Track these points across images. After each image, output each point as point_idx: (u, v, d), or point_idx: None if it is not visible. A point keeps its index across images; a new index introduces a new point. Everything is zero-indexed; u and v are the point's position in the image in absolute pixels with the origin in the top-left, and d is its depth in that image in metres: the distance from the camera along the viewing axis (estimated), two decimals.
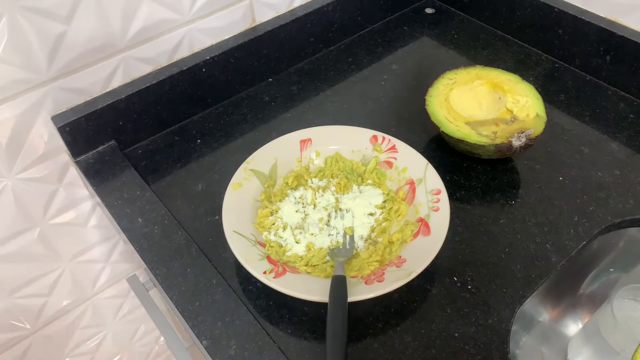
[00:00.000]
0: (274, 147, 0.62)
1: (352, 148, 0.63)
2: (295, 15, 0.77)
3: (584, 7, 0.76)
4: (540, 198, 0.62)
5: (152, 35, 0.66)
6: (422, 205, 0.57)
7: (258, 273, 0.50)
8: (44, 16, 0.56)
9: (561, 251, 0.57)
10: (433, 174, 0.59)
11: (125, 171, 0.65)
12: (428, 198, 0.58)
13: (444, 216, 0.55)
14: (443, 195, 0.57)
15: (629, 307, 0.62)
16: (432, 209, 0.56)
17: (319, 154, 0.63)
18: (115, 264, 0.84)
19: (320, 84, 0.79)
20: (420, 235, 0.54)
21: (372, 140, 0.63)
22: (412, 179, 0.60)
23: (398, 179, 0.61)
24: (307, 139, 0.62)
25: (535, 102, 0.64)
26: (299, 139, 0.62)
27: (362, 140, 0.63)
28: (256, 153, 0.60)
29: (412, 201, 0.59)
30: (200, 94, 0.74)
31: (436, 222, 0.55)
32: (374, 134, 0.63)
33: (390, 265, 0.52)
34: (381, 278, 0.50)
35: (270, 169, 0.60)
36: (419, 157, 0.61)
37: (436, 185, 0.58)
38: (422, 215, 0.56)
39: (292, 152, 0.62)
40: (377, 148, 0.63)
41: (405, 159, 0.61)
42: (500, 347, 0.50)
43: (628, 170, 0.65)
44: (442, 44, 0.86)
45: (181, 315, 0.52)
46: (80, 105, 0.65)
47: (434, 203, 0.57)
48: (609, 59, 0.74)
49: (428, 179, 0.59)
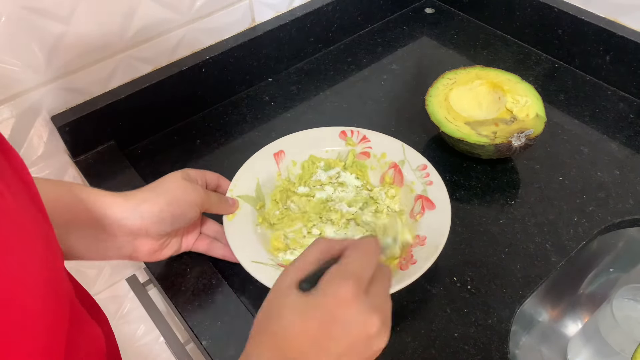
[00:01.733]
0: (251, 167, 0.59)
1: (325, 148, 0.63)
2: (295, 15, 0.77)
3: (583, 7, 0.76)
4: (540, 198, 0.62)
5: (151, 35, 0.66)
6: (415, 184, 0.59)
7: None
8: (44, 16, 0.56)
9: (561, 251, 0.57)
10: (413, 152, 0.61)
11: (124, 171, 0.65)
12: (417, 175, 0.59)
13: (441, 187, 0.57)
14: (430, 168, 0.59)
15: (628, 307, 0.62)
16: (426, 184, 0.58)
17: (295, 163, 0.62)
18: (114, 264, 0.84)
19: (320, 84, 0.79)
20: (427, 210, 0.56)
21: (342, 136, 0.63)
22: (394, 162, 0.61)
23: (379, 165, 0.62)
24: (279, 151, 0.61)
25: (535, 102, 0.64)
26: (272, 153, 0.61)
27: (332, 137, 0.63)
28: (236, 178, 0.58)
29: (402, 182, 0.60)
30: (199, 94, 0.74)
31: (435, 194, 0.57)
32: (342, 130, 0.63)
33: (414, 246, 0.53)
34: (413, 260, 0.51)
35: (256, 190, 0.58)
36: (393, 141, 0.62)
37: (420, 161, 0.60)
38: (419, 192, 0.58)
39: (270, 168, 0.60)
40: (350, 142, 0.63)
41: (381, 145, 0.62)
42: (500, 347, 0.50)
43: (628, 170, 0.65)
44: (441, 44, 0.86)
45: (181, 315, 0.52)
46: (80, 105, 0.65)
47: (424, 178, 0.58)
48: (609, 59, 0.74)
49: (409, 158, 0.61)
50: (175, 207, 0.48)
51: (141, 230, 0.47)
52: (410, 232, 0.54)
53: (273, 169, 0.60)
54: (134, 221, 0.46)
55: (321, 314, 0.33)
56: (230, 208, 0.55)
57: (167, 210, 0.47)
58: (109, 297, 0.88)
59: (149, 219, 0.46)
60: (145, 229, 0.47)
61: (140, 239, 0.48)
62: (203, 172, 0.55)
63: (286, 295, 0.35)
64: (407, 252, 0.52)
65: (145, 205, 0.46)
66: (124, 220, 0.46)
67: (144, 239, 0.48)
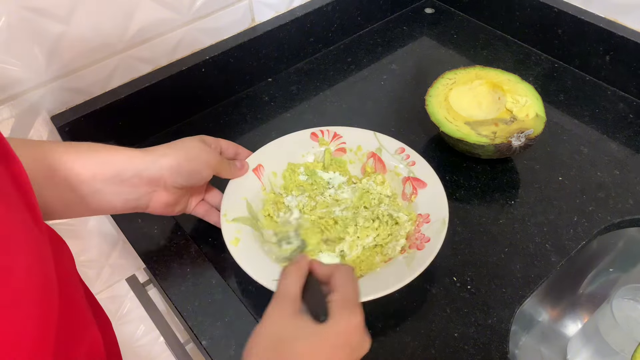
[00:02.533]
0: (235, 189, 0.58)
1: (300, 153, 0.63)
2: (295, 15, 0.77)
3: (583, 7, 0.76)
4: (540, 198, 0.62)
5: (151, 35, 0.66)
6: (398, 167, 0.60)
7: None
8: (44, 16, 0.56)
9: (561, 251, 0.57)
10: (387, 138, 0.62)
11: None
12: (398, 159, 0.60)
13: (424, 165, 0.59)
14: (409, 150, 0.61)
15: (628, 307, 0.62)
16: (409, 165, 0.60)
17: (275, 174, 0.61)
18: (114, 264, 0.84)
19: (320, 84, 0.79)
20: (419, 189, 0.58)
21: (314, 138, 0.63)
22: (371, 151, 0.62)
23: (358, 158, 0.63)
24: (257, 166, 0.60)
25: (535, 102, 0.64)
26: (251, 169, 0.59)
27: (305, 141, 0.63)
28: (224, 202, 0.56)
29: (384, 169, 0.61)
30: (199, 94, 0.74)
31: (421, 172, 0.59)
32: (312, 132, 0.63)
33: (421, 225, 0.55)
34: (425, 238, 0.53)
35: (247, 209, 0.57)
36: (365, 132, 0.63)
37: (396, 145, 0.61)
38: (405, 174, 0.60)
39: (253, 184, 0.59)
40: (323, 142, 0.63)
41: (354, 139, 0.63)
42: (499, 347, 0.50)
43: (627, 170, 0.65)
44: (441, 44, 0.86)
45: (181, 315, 0.52)
46: (79, 105, 0.65)
47: (406, 160, 0.60)
48: (609, 59, 0.74)
49: (385, 144, 0.62)
50: (192, 164, 0.51)
51: (160, 180, 0.50)
52: (408, 214, 0.57)
53: (257, 185, 0.59)
54: (154, 172, 0.49)
55: (336, 339, 0.37)
56: (239, 171, 0.58)
57: (185, 165, 0.50)
58: (108, 297, 0.88)
59: (167, 170, 0.49)
60: (164, 180, 0.50)
61: (158, 192, 0.51)
62: (218, 140, 0.57)
63: (299, 322, 0.38)
64: (416, 232, 0.55)
65: (165, 159, 0.50)
66: (144, 172, 0.49)
67: (161, 192, 0.51)
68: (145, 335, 1.02)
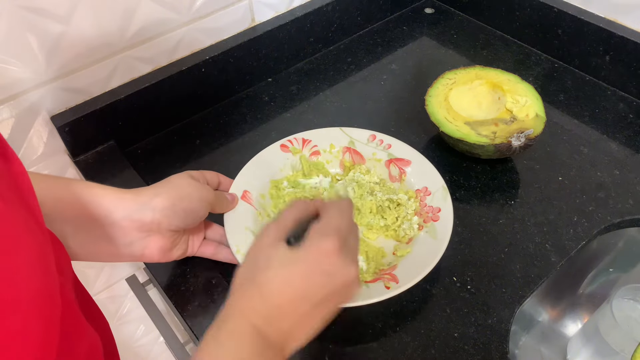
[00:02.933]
0: (235, 221, 0.55)
1: (277, 168, 0.61)
2: (295, 15, 0.77)
3: (583, 7, 0.76)
4: (540, 198, 0.62)
5: (151, 35, 0.66)
6: (376, 154, 0.62)
7: None
8: (43, 16, 0.56)
9: (560, 251, 0.57)
10: (354, 130, 0.63)
11: (124, 171, 0.65)
12: (372, 146, 0.62)
13: (400, 145, 0.61)
14: (380, 135, 0.62)
15: (628, 307, 0.62)
16: (386, 149, 0.62)
17: (263, 196, 0.59)
18: (114, 264, 0.84)
19: (320, 84, 0.79)
20: (405, 168, 0.60)
21: (284, 149, 0.62)
22: (343, 146, 0.63)
23: (333, 156, 0.63)
24: (243, 193, 0.57)
25: (535, 102, 0.64)
26: (240, 198, 0.57)
27: (276, 155, 0.61)
28: (231, 238, 0.53)
29: (363, 159, 0.62)
30: (199, 94, 0.74)
31: (401, 152, 0.61)
32: (280, 144, 0.62)
33: (424, 199, 0.57)
34: (435, 209, 0.56)
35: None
36: (331, 131, 0.63)
37: (366, 134, 0.63)
38: (385, 159, 0.61)
39: (249, 212, 0.56)
40: (295, 151, 0.62)
41: (324, 139, 0.63)
42: (499, 347, 0.50)
43: (627, 170, 0.65)
44: (441, 44, 0.86)
45: (180, 315, 0.52)
46: (79, 105, 0.65)
47: (381, 145, 0.62)
48: (609, 59, 0.74)
49: (355, 136, 0.63)
50: (187, 203, 0.48)
51: (153, 224, 0.46)
52: (406, 193, 0.59)
53: (252, 211, 0.57)
54: (145, 214, 0.46)
55: (306, 265, 0.37)
56: (231, 204, 0.55)
57: (179, 204, 0.47)
58: (108, 297, 0.88)
59: (160, 211, 0.46)
60: (158, 223, 0.47)
61: (152, 237, 0.48)
62: (202, 172, 0.55)
63: (273, 248, 0.38)
64: (423, 206, 0.57)
65: (158, 199, 0.46)
66: (135, 214, 0.46)
67: (156, 236, 0.48)
68: (145, 335, 1.02)
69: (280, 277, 0.36)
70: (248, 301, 0.37)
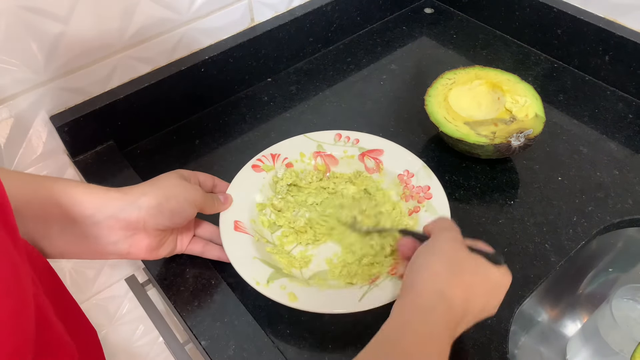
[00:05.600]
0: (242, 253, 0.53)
1: (257, 189, 0.59)
2: (294, 15, 0.77)
3: (582, 7, 0.76)
4: (539, 198, 0.62)
5: (150, 35, 0.66)
6: (347, 151, 0.62)
7: None
8: (43, 16, 0.56)
9: (560, 251, 0.57)
10: (317, 133, 0.63)
11: (123, 171, 0.65)
12: (340, 145, 0.62)
13: (367, 137, 0.62)
14: (345, 132, 0.62)
15: (627, 307, 0.62)
16: (354, 144, 0.62)
17: (254, 220, 0.57)
18: (113, 264, 0.84)
19: (319, 84, 0.79)
20: (380, 157, 0.61)
21: (257, 169, 0.60)
22: (313, 152, 0.62)
23: (305, 164, 0.62)
24: (234, 224, 0.55)
25: (534, 102, 0.64)
26: (233, 229, 0.54)
27: (250, 176, 0.59)
28: (245, 273, 0.51)
29: (336, 161, 0.62)
30: (199, 94, 0.74)
31: (370, 143, 0.62)
32: (252, 165, 0.60)
33: (408, 181, 0.59)
34: (424, 187, 0.57)
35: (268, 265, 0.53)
36: (295, 140, 0.63)
37: (329, 136, 0.63)
38: (357, 153, 0.62)
39: (247, 242, 0.54)
40: (267, 167, 0.60)
41: (291, 151, 0.62)
42: (499, 347, 0.50)
43: (627, 170, 0.65)
44: (441, 44, 0.86)
45: (180, 315, 0.52)
46: (78, 105, 0.65)
47: (347, 142, 0.62)
48: (608, 59, 0.74)
49: (320, 138, 0.63)
50: (174, 203, 0.48)
51: (139, 222, 0.46)
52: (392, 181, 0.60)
53: (251, 240, 0.54)
54: (131, 213, 0.46)
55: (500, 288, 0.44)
56: (223, 205, 0.55)
57: (166, 204, 0.47)
58: (108, 297, 0.88)
59: (146, 210, 0.46)
60: (143, 222, 0.47)
61: (138, 235, 0.48)
62: (195, 173, 0.55)
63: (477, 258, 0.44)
64: (411, 189, 0.58)
65: (144, 198, 0.46)
66: (121, 213, 0.45)
67: (142, 235, 0.48)
68: (144, 335, 1.02)
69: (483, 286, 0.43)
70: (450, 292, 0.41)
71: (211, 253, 0.55)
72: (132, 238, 0.47)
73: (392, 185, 0.60)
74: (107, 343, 0.96)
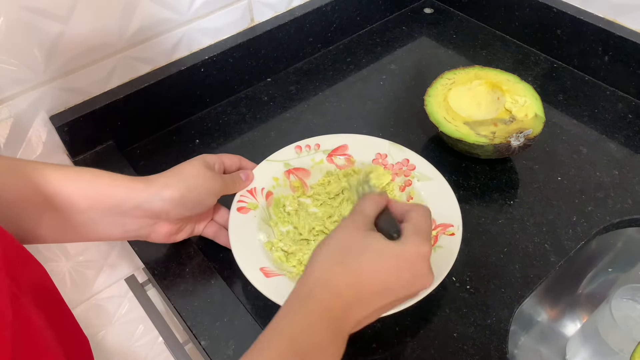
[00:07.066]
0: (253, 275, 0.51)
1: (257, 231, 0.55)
2: (294, 15, 0.77)
3: (582, 7, 0.76)
4: (539, 198, 0.62)
5: (150, 35, 0.66)
6: (314, 159, 0.62)
7: None
8: (42, 16, 0.56)
9: (560, 251, 0.57)
10: (277, 154, 0.61)
11: (123, 171, 0.65)
12: (305, 155, 0.62)
13: (326, 138, 0.62)
14: (301, 142, 0.62)
15: (627, 307, 0.62)
16: (317, 150, 0.62)
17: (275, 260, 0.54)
18: (113, 264, 0.84)
19: (319, 84, 0.79)
20: (346, 152, 0.61)
21: (244, 210, 0.56)
22: (283, 172, 0.60)
23: (282, 187, 0.60)
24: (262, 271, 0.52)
25: (534, 102, 0.64)
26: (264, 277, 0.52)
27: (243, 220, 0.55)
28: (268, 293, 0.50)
29: (307, 171, 0.62)
30: (198, 94, 0.74)
31: (329, 143, 0.62)
32: (237, 207, 0.56)
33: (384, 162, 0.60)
34: (409, 164, 0.59)
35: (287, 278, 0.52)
36: (260, 168, 0.59)
37: (289, 151, 0.61)
38: (324, 157, 0.62)
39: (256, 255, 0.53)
40: (252, 206, 0.57)
41: (263, 180, 0.59)
42: (499, 347, 0.50)
43: (626, 170, 0.65)
44: (440, 44, 0.86)
45: (179, 315, 0.52)
46: (78, 105, 0.65)
47: (310, 150, 0.62)
48: (608, 59, 0.74)
49: (282, 158, 0.61)
50: (196, 194, 0.50)
51: (162, 213, 0.49)
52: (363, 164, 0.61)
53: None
54: (155, 204, 0.48)
55: (400, 261, 0.39)
56: (245, 183, 0.57)
57: (189, 196, 0.49)
58: (107, 297, 0.88)
59: (170, 202, 0.48)
60: (166, 212, 0.49)
61: (160, 223, 0.50)
62: (220, 157, 0.56)
63: (369, 237, 0.40)
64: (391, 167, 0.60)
65: (168, 190, 0.48)
66: (145, 204, 0.48)
67: (163, 222, 0.51)
68: (144, 335, 1.02)
69: (374, 266, 0.38)
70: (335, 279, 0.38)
71: (220, 239, 0.57)
72: (153, 225, 0.50)
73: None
74: (107, 343, 0.96)
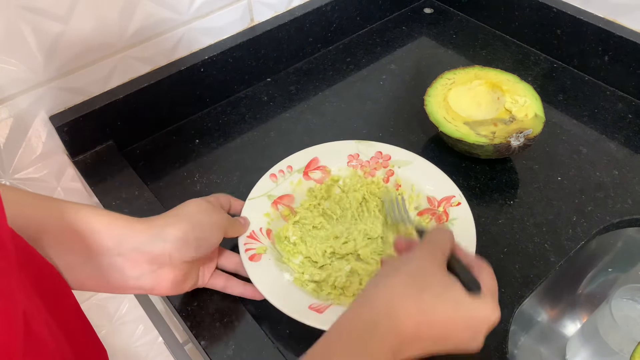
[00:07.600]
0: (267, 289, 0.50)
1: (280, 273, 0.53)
2: (294, 15, 0.77)
3: (582, 7, 0.76)
4: (539, 198, 0.62)
5: (150, 35, 0.66)
6: (292, 182, 0.60)
7: None
8: (42, 15, 0.56)
9: (560, 251, 0.57)
10: (255, 189, 0.58)
11: (123, 171, 0.65)
12: (281, 180, 0.60)
13: (298, 156, 0.61)
14: (272, 169, 0.60)
15: (627, 307, 0.62)
16: (292, 172, 0.61)
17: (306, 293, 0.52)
18: None
19: (319, 84, 0.79)
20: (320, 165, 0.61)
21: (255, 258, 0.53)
22: (269, 205, 0.58)
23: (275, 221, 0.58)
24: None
25: (534, 102, 0.64)
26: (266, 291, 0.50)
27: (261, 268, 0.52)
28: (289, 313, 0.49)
29: (289, 196, 0.60)
30: (198, 94, 0.74)
31: (301, 161, 0.61)
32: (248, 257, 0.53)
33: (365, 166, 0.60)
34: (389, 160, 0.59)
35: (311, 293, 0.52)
36: (249, 207, 0.57)
37: (265, 183, 0.59)
38: (301, 177, 0.61)
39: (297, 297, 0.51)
40: (261, 250, 0.54)
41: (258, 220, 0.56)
42: (498, 347, 0.50)
43: (626, 170, 0.65)
44: (440, 44, 0.86)
45: (179, 315, 0.52)
46: (78, 105, 0.65)
47: (284, 175, 0.60)
48: (607, 59, 0.74)
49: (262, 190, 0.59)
50: (199, 231, 0.46)
51: (164, 256, 0.44)
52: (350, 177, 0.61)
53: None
54: (156, 245, 0.44)
55: (473, 321, 0.37)
56: (243, 228, 0.54)
57: (192, 233, 0.45)
58: (107, 297, 0.88)
59: (172, 242, 0.44)
60: (169, 254, 0.44)
61: (163, 269, 0.45)
62: (216, 197, 0.53)
63: (450, 282, 0.38)
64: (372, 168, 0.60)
65: (169, 229, 0.44)
66: (145, 247, 0.43)
67: (167, 269, 0.45)
68: (144, 335, 1.02)
69: (447, 315, 0.36)
70: (402, 312, 0.36)
71: (234, 289, 0.52)
72: (156, 272, 0.45)
73: (354, 178, 0.61)
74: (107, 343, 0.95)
